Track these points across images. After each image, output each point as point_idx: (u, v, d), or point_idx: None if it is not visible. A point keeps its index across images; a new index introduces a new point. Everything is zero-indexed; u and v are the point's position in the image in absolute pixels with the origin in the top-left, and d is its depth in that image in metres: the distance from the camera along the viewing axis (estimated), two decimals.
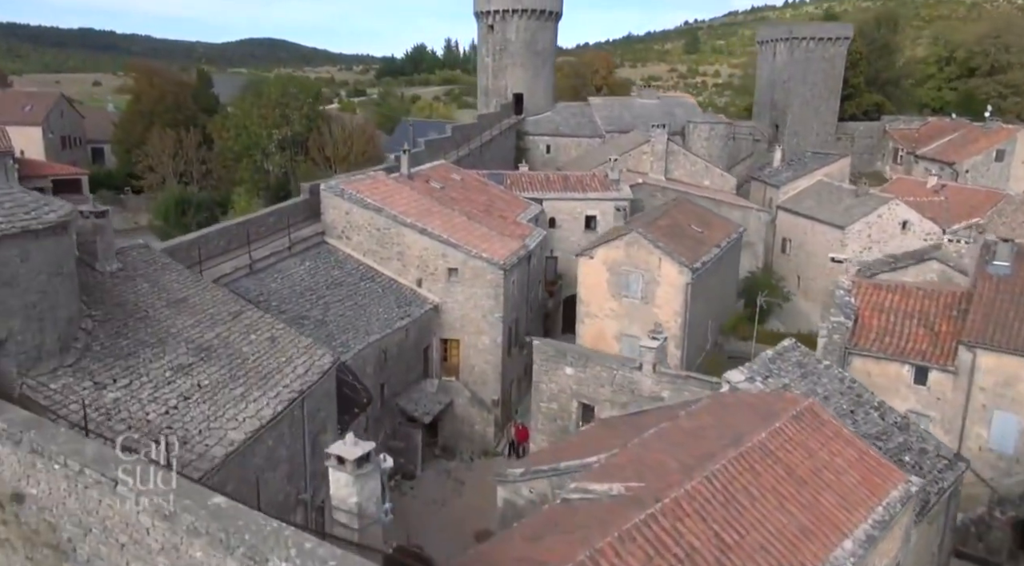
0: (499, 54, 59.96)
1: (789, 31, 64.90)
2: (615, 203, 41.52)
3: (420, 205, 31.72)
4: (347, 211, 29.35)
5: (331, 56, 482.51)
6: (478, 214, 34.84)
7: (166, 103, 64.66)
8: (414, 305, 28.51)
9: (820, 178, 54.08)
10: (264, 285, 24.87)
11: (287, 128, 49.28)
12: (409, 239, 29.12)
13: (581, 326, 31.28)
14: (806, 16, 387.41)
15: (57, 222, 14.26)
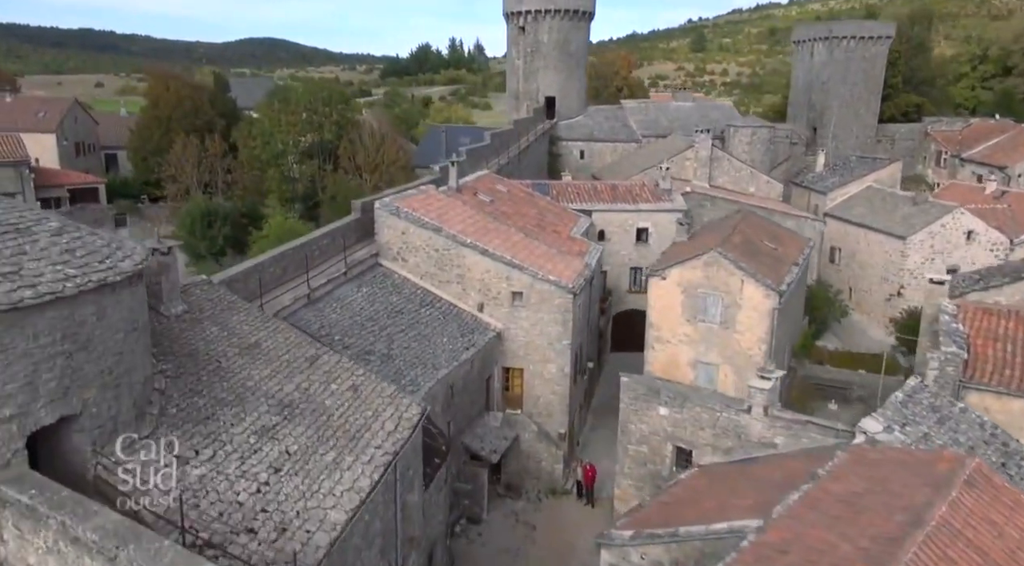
0: (530, 56, 57.86)
1: (829, 30, 62.70)
2: (670, 214, 39.43)
3: (476, 222, 29.65)
4: (403, 231, 27.28)
5: (331, 56, 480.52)
6: (532, 229, 32.78)
7: (184, 109, 62.66)
8: (477, 333, 26.44)
9: (870, 184, 51.99)
10: (324, 316, 22.82)
11: (316, 135, 47.20)
12: (470, 261, 27.05)
13: (651, 352, 29.17)
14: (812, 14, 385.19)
15: (134, 271, 12.21)
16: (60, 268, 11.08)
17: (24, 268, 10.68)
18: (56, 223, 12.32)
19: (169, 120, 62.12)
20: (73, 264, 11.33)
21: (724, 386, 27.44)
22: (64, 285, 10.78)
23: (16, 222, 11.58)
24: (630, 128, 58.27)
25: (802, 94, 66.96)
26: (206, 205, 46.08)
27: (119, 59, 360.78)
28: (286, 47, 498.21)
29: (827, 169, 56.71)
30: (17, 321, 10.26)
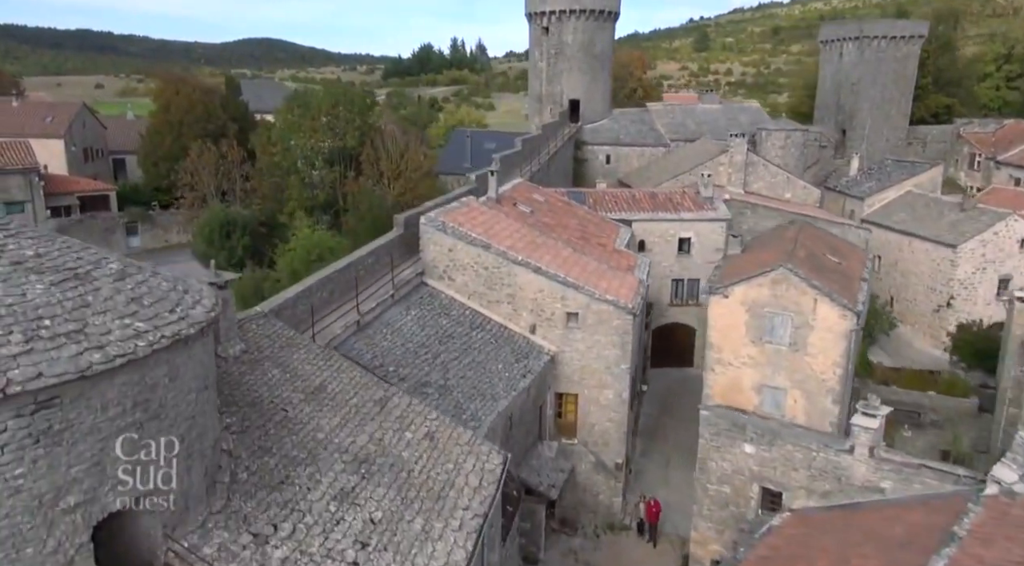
0: (554, 58, 56.12)
1: (859, 30, 60.95)
2: (713, 224, 37.76)
3: (524, 237, 27.93)
4: (450, 248, 25.55)
5: (330, 56, 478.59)
6: (576, 242, 31.07)
7: (195, 113, 60.87)
8: (531, 357, 24.72)
9: (909, 189, 50.30)
10: (376, 344, 21.07)
11: (338, 142, 45.43)
12: (522, 280, 25.32)
13: (711, 375, 27.44)
14: (816, 13, 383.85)
15: (207, 319, 10.49)
16: (129, 322, 9.37)
17: (89, 325, 8.96)
18: (116, 264, 10.60)
19: (181, 125, 60.36)
20: (142, 316, 9.61)
21: (793, 412, 25.73)
22: (135, 344, 9.06)
23: (74, 266, 9.87)
24: (657, 132, 56.55)
25: (830, 95, 65.22)
26: (224, 214, 44.31)
27: (118, 60, 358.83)
28: (284, 47, 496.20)
29: (861, 173, 55.01)
30: (85, 391, 8.55)
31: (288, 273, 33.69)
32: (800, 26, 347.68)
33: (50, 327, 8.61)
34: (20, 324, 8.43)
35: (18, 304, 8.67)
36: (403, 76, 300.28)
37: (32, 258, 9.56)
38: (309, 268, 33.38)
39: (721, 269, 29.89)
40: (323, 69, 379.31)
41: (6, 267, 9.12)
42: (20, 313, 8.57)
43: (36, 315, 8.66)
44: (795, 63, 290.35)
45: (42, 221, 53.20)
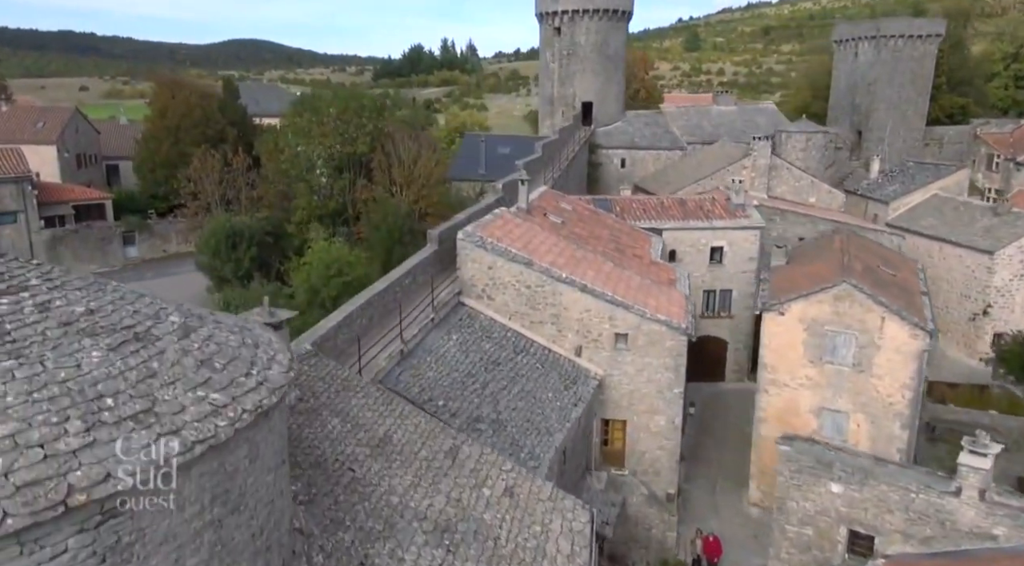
0: (566, 59, 54.46)
1: (876, 29, 59.66)
2: (746, 232, 36.23)
3: (563, 251, 26.24)
4: (490, 266, 23.81)
5: (318, 57, 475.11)
6: (612, 254, 29.41)
7: (193, 118, 58.78)
8: (580, 383, 23.02)
9: (935, 192, 48.98)
10: (422, 375, 19.30)
11: (349, 147, 43.54)
12: (567, 299, 23.62)
13: (764, 396, 25.84)
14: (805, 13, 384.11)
15: (287, 381, 8.71)
16: (203, 394, 7.57)
17: (159, 401, 7.17)
18: (177, 316, 8.80)
19: (178, 130, 58.30)
20: (216, 384, 7.81)
21: (856, 438, 24.17)
22: (215, 424, 7.27)
23: (132, 323, 8.07)
24: (672, 134, 55.01)
25: (844, 96, 63.91)
26: (230, 224, 42.31)
27: (102, 62, 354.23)
28: (271, 49, 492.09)
29: (882, 176, 53.68)
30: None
31: (305, 289, 31.82)
32: (790, 26, 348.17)
33: (114, 408, 6.82)
34: (78, 406, 6.63)
35: (73, 380, 6.88)
36: (393, 77, 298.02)
37: (84, 316, 7.75)
38: (328, 283, 31.57)
39: (768, 282, 28.29)
40: (312, 70, 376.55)
41: (55, 330, 7.31)
42: (77, 391, 6.78)
43: (96, 393, 6.87)
44: (787, 62, 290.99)
45: (36, 232, 51.04)
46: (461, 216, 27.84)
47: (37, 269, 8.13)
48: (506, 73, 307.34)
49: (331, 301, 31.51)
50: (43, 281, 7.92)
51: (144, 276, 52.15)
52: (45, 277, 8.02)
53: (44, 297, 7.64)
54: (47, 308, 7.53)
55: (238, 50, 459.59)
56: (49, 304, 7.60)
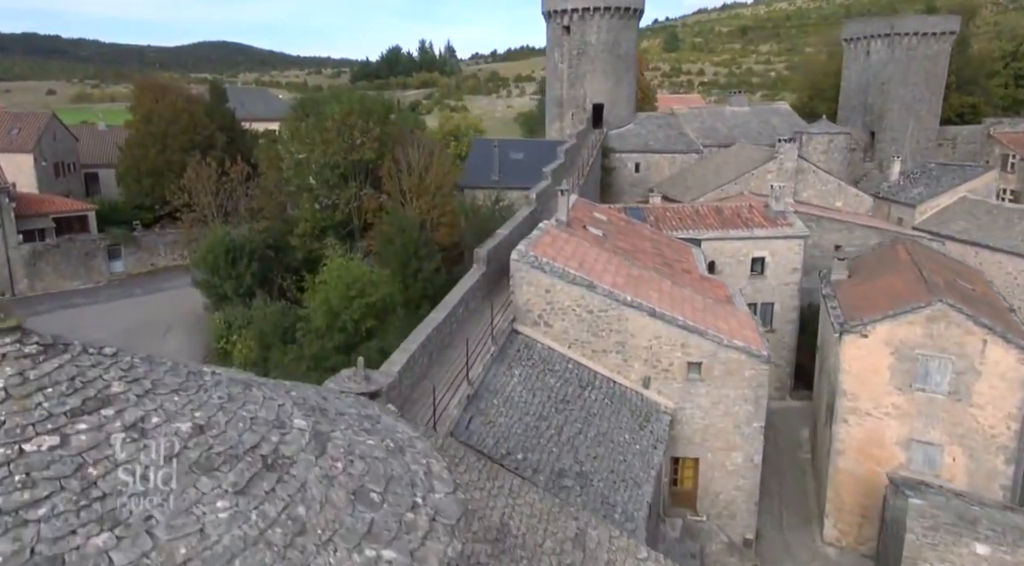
0: (576, 59, 52.06)
1: (890, 26, 58.02)
2: (790, 241, 34.06)
3: (620, 270, 23.79)
4: (547, 289, 21.28)
5: (290, 59, 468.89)
6: (662, 269, 27.03)
7: (181, 123, 55.44)
8: (653, 419, 20.56)
9: (963, 195, 47.30)
10: (492, 421, 16.72)
11: (355, 155, 40.72)
12: (635, 325, 21.16)
13: (842, 427, 23.57)
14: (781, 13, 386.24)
15: (462, 509, 6.11)
16: (372, 554, 4.98)
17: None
18: (302, 419, 6.20)
19: (165, 136, 54.91)
20: (383, 532, 5.22)
21: (951, 473, 21.99)
22: None
23: (255, 441, 5.44)
24: (687, 137, 52.83)
25: (855, 96, 62.26)
26: (229, 238, 39.27)
27: (68, 65, 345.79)
28: (242, 51, 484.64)
29: (903, 178, 51.94)
30: None
31: (323, 312, 28.99)
32: (766, 26, 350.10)
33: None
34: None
35: (198, 557, 4.25)
36: (372, 79, 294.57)
37: (193, 437, 5.13)
38: (350, 306, 28.76)
39: (834, 299, 26.06)
40: (287, 73, 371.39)
41: (161, 470, 4.67)
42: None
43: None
44: (765, 62, 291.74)
45: (14, 247, 47.53)
46: (503, 231, 25.31)
47: (116, 365, 5.47)
48: (485, 74, 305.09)
49: (353, 324, 28.75)
50: (127, 384, 5.26)
51: (133, 293, 48.85)
52: (128, 377, 5.36)
53: (135, 413, 5.01)
54: (142, 432, 4.89)
55: (209, 52, 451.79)
56: (144, 425, 4.95)
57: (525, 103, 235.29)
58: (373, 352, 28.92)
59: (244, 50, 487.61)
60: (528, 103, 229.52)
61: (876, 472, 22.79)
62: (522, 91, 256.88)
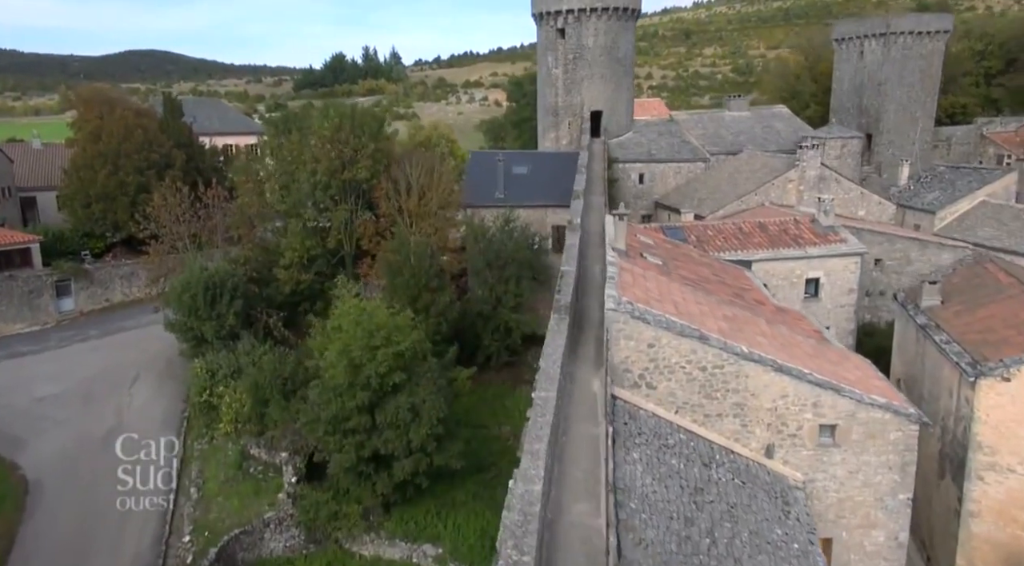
0: (572, 64, 48.44)
1: (886, 25, 56.15)
2: (845, 259, 31.02)
3: (716, 310, 20.12)
4: (651, 343, 17.42)
5: (224, 67, 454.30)
6: (735, 301, 23.49)
7: (135, 141, 49.71)
8: (791, 501, 16.88)
9: (983, 199, 45.38)
10: (634, 528, 12.76)
11: (348, 174, 36.22)
12: (756, 382, 17.47)
13: (977, 485, 20.32)
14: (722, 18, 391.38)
15: None
16: None
17: None
18: None
19: (116, 156, 49.12)
20: None
21: None
22: None
23: None
24: (691, 145, 49.69)
25: (850, 97, 60.30)
26: (209, 274, 34.24)
27: None
28: (173, 59, 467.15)
29: (912, 182, 49.93)
30: None
31: (343, 366, 24.41)
32: (708, 30, 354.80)
33: None
34: None
35: None
36: (316, 87, 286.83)
37: None
38: (375, 358, 24.26)
39: (940, 332, 22.90)
40: (224, 81, 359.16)
41: None
42: None
43: None
44: (711, 66, 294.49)
45: None
46: (568, 268, 21.25)
47: None
48: (432, 81, 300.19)
49: (379, 379, 24.30)
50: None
51: (88, 335, 43.03)
52: None
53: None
54: None
55: (137, 61, 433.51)
56: None
57: (475, 109, 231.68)
58: (403, 411, 24.62)
59: (174, 59, 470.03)
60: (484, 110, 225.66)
61: (1021, 539, 19.66)
62: (471, 97, 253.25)
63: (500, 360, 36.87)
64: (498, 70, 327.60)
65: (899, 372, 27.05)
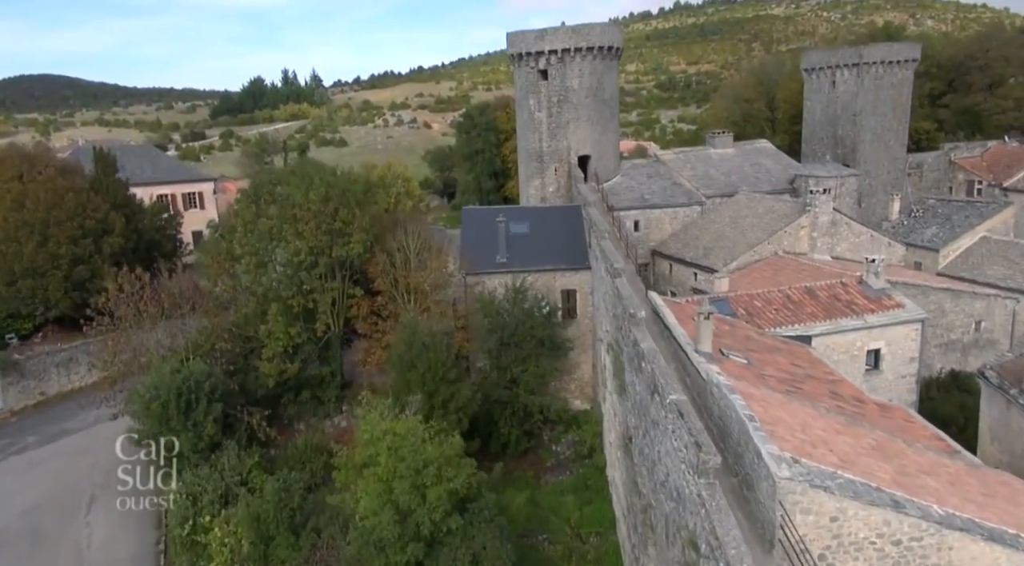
0: (557, 107, 45.17)
1: (859, 55, 55.29)
2: (905, 327, 28.61)
3: (860, 440, 16.89)
4: (834, 516, 13.96)
5: (126, 91, 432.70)
6: (836, 403, 20.42)
7: (67, 207, 43.56)
8: None
9: (983, 234, 44.42)
10: None
11: (341, 250, 31.71)
12: (963, 555, 14.25)
13: None
14: (640, 34, 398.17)
15: None
16: None
17: None
18: None
19: (46, 225, 42.86)
20: None
21: None
22: None
23: None
24: (685, 188, 47.09)
25: (823, 127, 59.27)
26: (181, 377, 29.02)
27: None
28: (69, 84, 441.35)
29: (904, 216, 48.79)
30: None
31: (388, 519, 19.97)
32: (628, 46, 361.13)
33: None
34: None
35: None
36: (234, 113, 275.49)
37: None
38: (425, 502, 19.95)
39: None
40: (132, 109, 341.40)
41: None
42: None
43: None
44: (635, 82, 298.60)
45: None
46: (676, 397, 17.57)
47: None
48: (357, 103, 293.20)
49: (432, 526, 20.02)
50: None
51: (25, 443, 36.77)
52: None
53: None
54: None
55: (31, 87, 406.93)
56: None
57: (405, 132, 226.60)
58: (463, 564, 20.41)
59: (71, 83, 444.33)
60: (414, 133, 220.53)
61: None
62: (399, 119, 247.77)
63: (520, 448, 33.05)
64: (423, 90, 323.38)
65: (997, 459, 24.57)
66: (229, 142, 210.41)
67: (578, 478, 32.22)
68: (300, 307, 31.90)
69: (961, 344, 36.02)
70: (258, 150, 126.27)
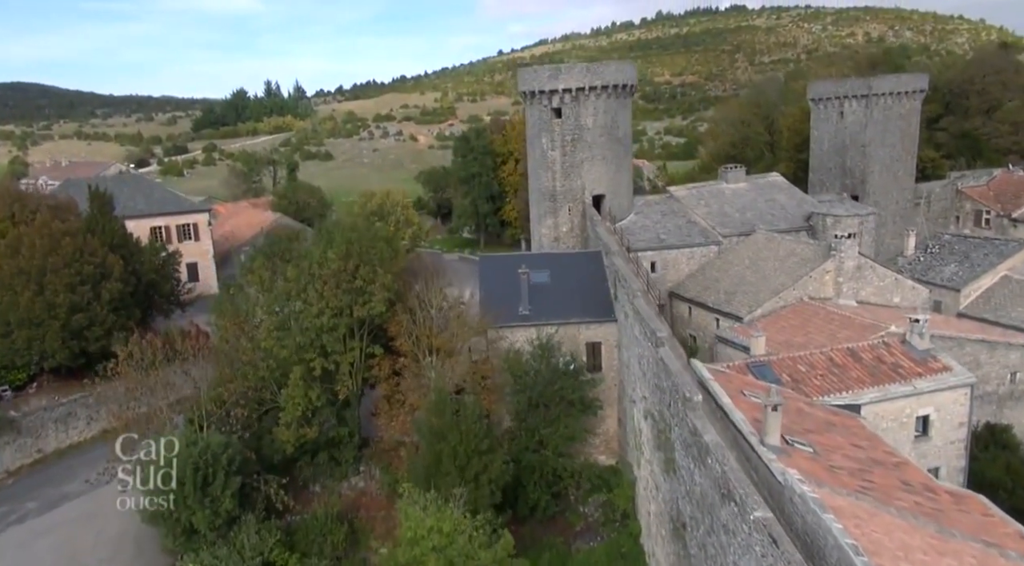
0: (571, 146, 44.12)
1: (867, 87, 54.90)
2: (955, 392, 27.76)
3: (957, 553, 15.85)
4: None
5: (103, 99, 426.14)
6: (913, 500, 19.41)
7: (64, 253, 41.78)
8: None
9: (1004, 274, 43.91)
10: None
11: (362, 310, 30.35)
12: None
13: None
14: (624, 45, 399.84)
15: None
16: None
17: None
18: None
19: (42, 273, 41.02)
20: None
21: None
22: None
23: None
24: (700, 226, 46.19)
25: (830, 157, 58.80)
26: (197, 451, 27.49)
27: None
28: (44, 93, 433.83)
29: (920, 253, 48.23)
30: None
31: None
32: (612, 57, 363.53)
33: None
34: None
35: None
36: (217, 126, 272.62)
37: None
38: None
39: None
40: (111, 120, 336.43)
41: None
42: None
43: None
44: None
45: None
46: (768, 519, 16.44)
47: None
48: (341, 114, 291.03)
49: None
50: None
51: (25, 510, 34.81)
52: None
53: None
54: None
55: (3, 96, 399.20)
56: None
57: (391, 145, 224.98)
58: None
59: (46, 91, 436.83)
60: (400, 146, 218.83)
61: None
62: (384, 131, 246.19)
63: (548, 513, 31.80)
64: (407, 101, 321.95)
65: None
66: (212, 156, 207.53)
67: (611, 545, 31.03)
68: (321, 369, 30.48)
69: (996, 396, 35.34)
70: (245, 169, 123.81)
